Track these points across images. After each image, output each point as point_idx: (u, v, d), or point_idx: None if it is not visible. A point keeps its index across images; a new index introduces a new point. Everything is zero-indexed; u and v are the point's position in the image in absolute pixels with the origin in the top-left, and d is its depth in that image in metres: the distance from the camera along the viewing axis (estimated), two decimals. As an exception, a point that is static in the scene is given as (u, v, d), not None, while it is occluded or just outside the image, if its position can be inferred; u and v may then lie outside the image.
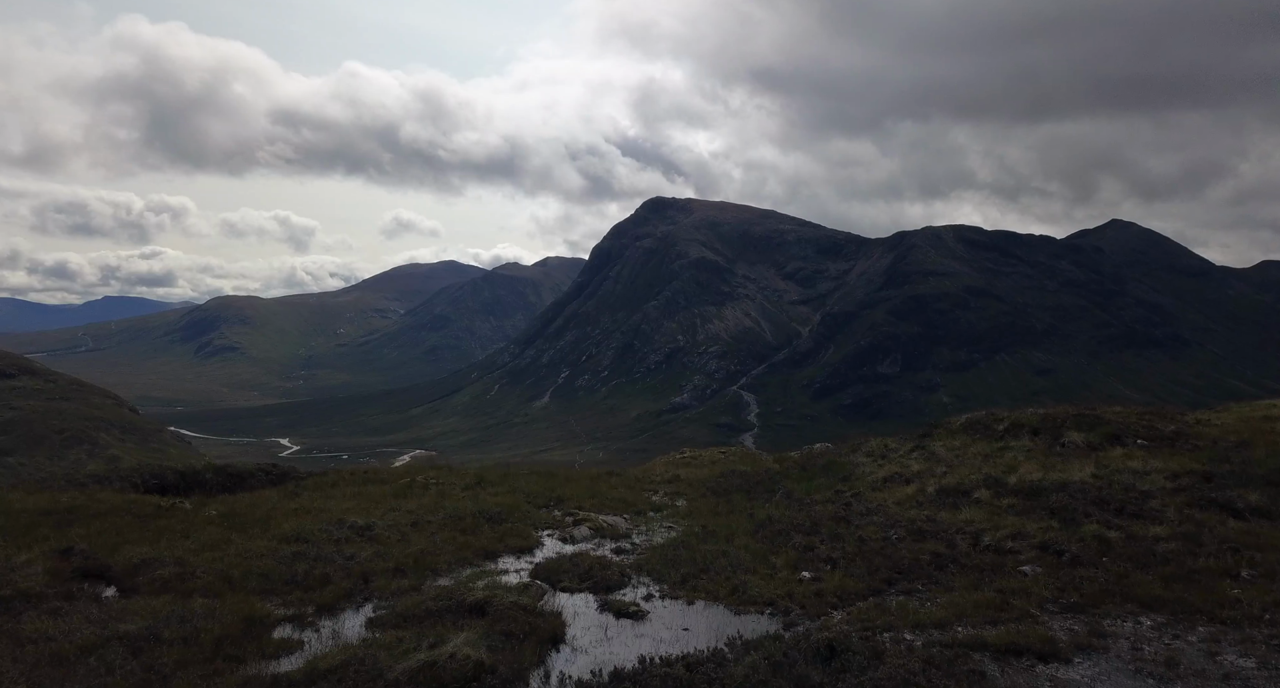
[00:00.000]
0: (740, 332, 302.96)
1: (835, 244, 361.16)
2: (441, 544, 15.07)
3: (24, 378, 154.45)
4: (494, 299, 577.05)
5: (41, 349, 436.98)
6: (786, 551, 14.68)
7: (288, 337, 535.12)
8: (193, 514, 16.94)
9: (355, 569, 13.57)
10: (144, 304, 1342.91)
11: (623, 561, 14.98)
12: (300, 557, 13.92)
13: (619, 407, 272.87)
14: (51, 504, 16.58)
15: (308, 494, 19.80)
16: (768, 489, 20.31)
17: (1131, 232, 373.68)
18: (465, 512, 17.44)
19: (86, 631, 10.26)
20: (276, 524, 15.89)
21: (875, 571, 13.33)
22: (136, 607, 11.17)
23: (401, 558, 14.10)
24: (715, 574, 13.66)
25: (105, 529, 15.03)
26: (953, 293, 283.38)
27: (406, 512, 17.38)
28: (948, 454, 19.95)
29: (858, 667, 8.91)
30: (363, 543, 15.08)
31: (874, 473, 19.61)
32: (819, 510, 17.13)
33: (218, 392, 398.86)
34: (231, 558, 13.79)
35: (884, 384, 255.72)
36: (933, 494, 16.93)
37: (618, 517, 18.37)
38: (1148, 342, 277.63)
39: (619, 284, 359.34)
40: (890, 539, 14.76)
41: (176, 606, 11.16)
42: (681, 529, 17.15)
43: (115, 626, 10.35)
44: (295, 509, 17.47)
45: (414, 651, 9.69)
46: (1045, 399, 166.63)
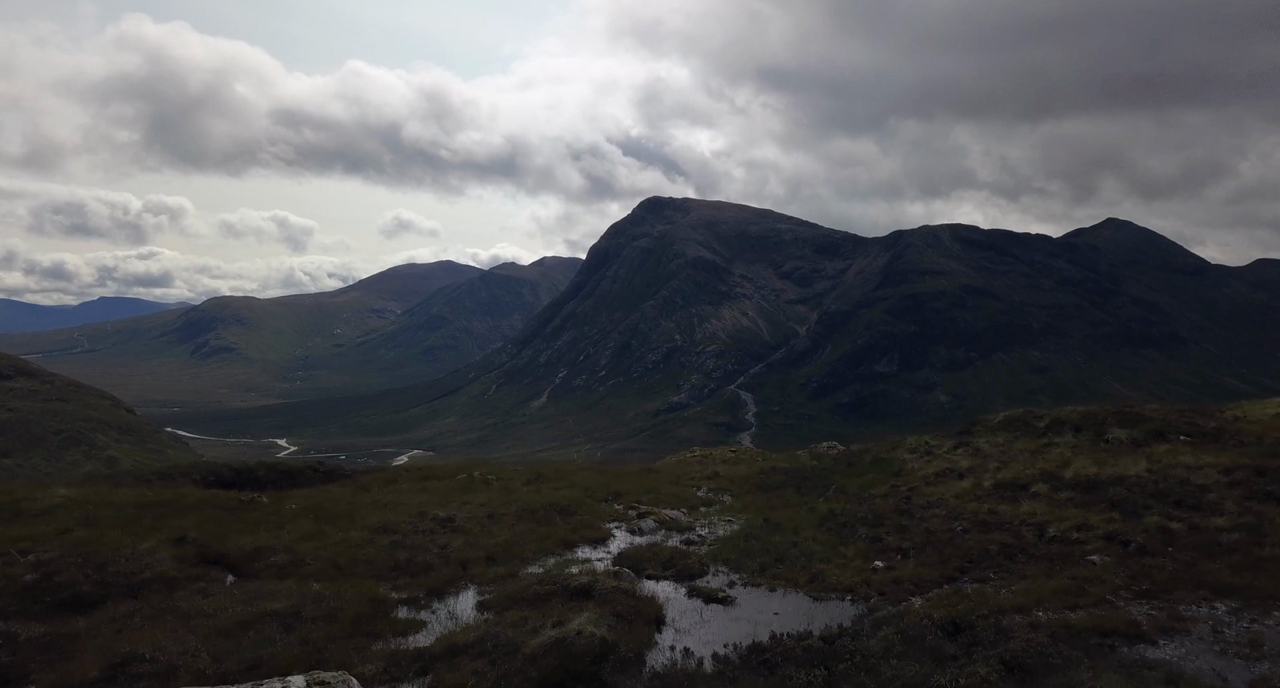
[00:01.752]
0: (738, 331, 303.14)
1: (832, 243, 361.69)
2: (523, 535, 15.77)
3: (20, 379, 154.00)
4: (491, 299, 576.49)
5: (37, 350, 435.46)
6: (855, 542, 15.21)
7: (284, 337, 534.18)
8: (272, 508, 17.53)
9: (453, 557, 14.26)
10: (140, 305, 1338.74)
11: (698, 551, 15.54)
12: (398, 546, 14.65)
13: (617, 406, 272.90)
14: (144, 498, 17.21)
15: (377, 490, 20.45)
16: (819, 485, 20.85)
17: (1128, 230, 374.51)
18: (537, 505, 18.10)
19: (238, 608, 11.10)
20: (361, 517, 16.55)
21: (946, 560, 13.76)
22: (272, 589, 11.93)
23: (491, 547, 14.80)
24: (791, 564, 14.25)
25: (203, 521, 15.65)
26: (949, 292, 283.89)
27: (479, 505, 18.04)
28: (993, 450, 20.38)
29: (987, 641, 9.43)
30: (450, 534, 15.74)
31: (923, 469, 20.07)
32: (878, 504, 17.63)
33: (214, 392, 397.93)
34: (333, 547, 14.48)
35: (881, 383, 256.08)
36: (990, 488, 17.32)
37: (676, 511, 18.98)
38: (1144, 340, 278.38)
39: (616, 284, 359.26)
40: (956, 531, 15.18)
41: (305, 588, 11.93)
42: (741, 522, 17.69)
43: (263, 604, 11.16)
44: (370, 503, 18.12)
45: (542, 629, 10.36)
46: (1042, 398, 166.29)
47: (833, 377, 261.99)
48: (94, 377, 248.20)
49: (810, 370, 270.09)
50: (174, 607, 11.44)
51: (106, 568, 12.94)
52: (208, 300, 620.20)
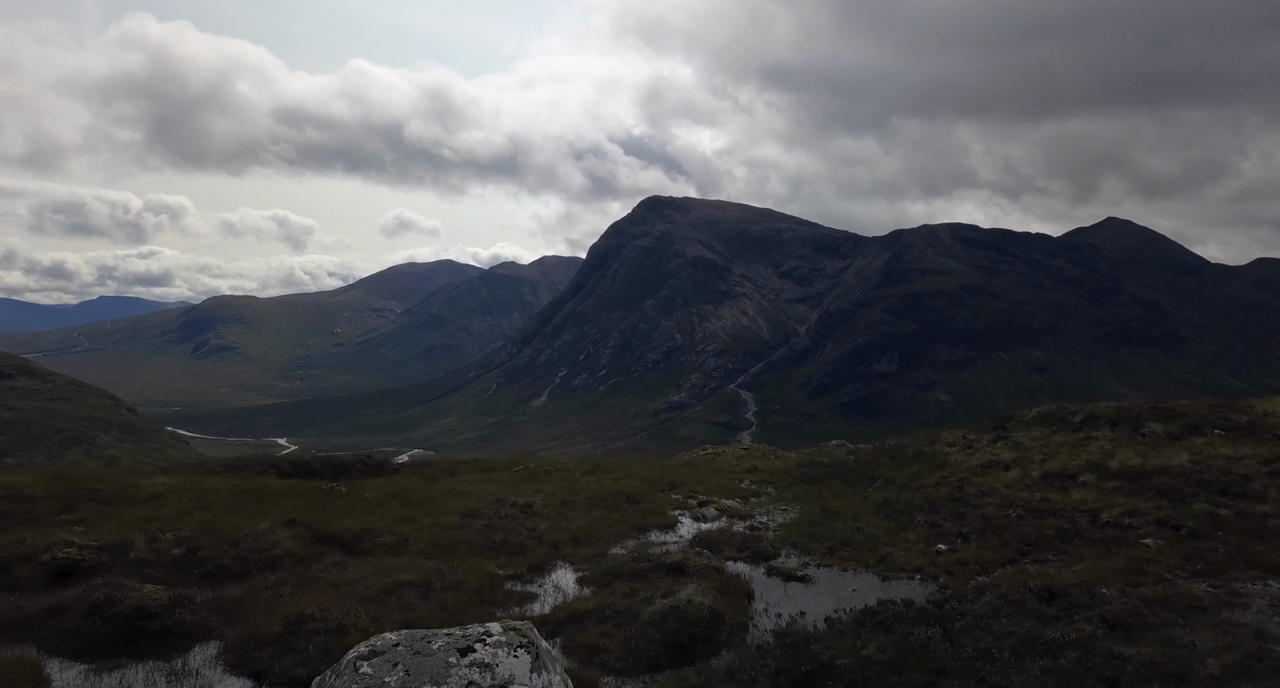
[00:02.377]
0: (738, 330, 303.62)
1: (832, 242, 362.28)
2: (598, 520, 16.72)
3: (22, 378, 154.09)
4: (491, 298, 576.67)
5: (37, 349, 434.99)
6: (915, 528, 15.97)
7: (284, 336, 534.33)
8: (352, 496, 18.40)
9: (543, 539, 15.41)
10: (140, 304, 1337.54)
11: (766, 535, 16.28)
12: (490, 529, 15.66)
13: (617, 405, 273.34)
14: (236, 486, 18.34)
15: (444, 480, 21.39)
16: (865, 477, 21.59)
17: (1127, 230, 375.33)
18: (604, 493, 19.10)
19: (374, 579, 12.25)
20: (443, 504, 17.50)
21: (1006, 544, 14.37)
22: (394, 564, 13.07)
23: (573, 530, 15.81)
24: (857, 547, 15.00)
25: (299, 506, 16.70)
26: (949, 291, 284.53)
27: (549, 493, 18.93)
28: (1032, 444, 21.06)
29: (1083, 605, 10.16)
30: (531, 518, 16.73)
31: (966, 461, 20.76)
32: (930, 493, 18.37)
33: (214, 392, 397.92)
34: (430, 530, 15.56)
35: (881, 382, 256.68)
36: (1038, 478, 18.04)
37: (731, 500, 19.74)
38: (1144, 339, 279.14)
39: (616, 283, 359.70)
40: (1011, 517, 15.81)
41: (422, 565, 12.95)
42: (797, 511, 18.44)
43: (395, 576, 12.28)
44: (444, 492, 18.99)
45: (652, 599, 11.26)
46: (1042, 397, 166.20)
47: (833, 376, 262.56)
48: (94, 376, 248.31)
49: (810, 370, 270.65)
50: (316, 578, 12.63)
51: (240, 545, 14.22)
52: (208, 300, 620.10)
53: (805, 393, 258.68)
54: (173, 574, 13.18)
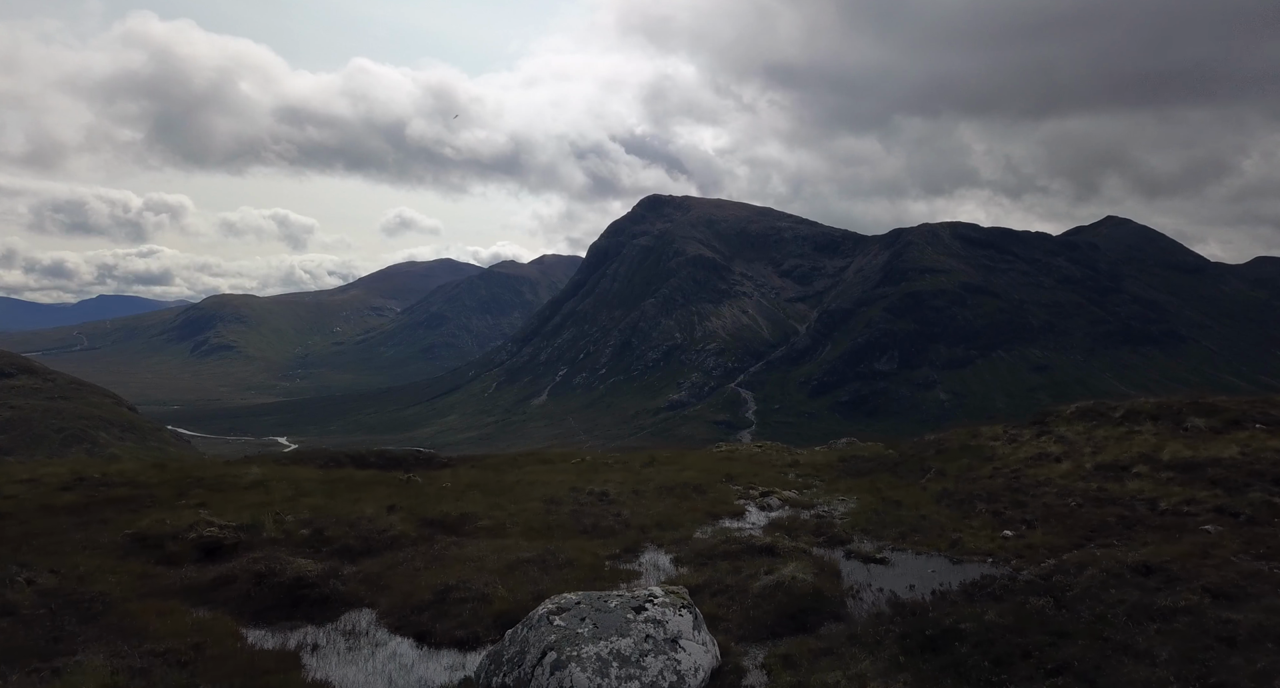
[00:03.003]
0: (738, 329, 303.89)
1: (832, 241, 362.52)
2: (672, 508, 17.36)
3: (23, 377, 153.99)
4: (491, 297, 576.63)
5: (36, 348, 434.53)
6: (978, 516, 16.46)
7: (284, 335, 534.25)
8: (432, 485, 19.17)
9: (630, 524, 16.11)
10: (139, 303, 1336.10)
11: (836, 522, 16.76)
12: (578, 514, 16.36)
13: (617, 404, 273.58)
14: (324, 477, 19.24)
15: (511, 471, 22.11)
16: (915, 469, 22.09)
17: (1127, 228, 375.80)
18: (672, 483, 19.87)
19: (496, 557, 12.98)
20: (521, 492, 18.12)
21: (1071, 530, 14.83)
22: (504, 544, 13.85)
23: (654, 516, 16.49)
24: (926, 533, 15.53)
25: (390, 494, 17.33)
26: (949, 290, 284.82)
27: (619, 483, 19.69)
28: (1077, 438, 21.50)
29: (1182, 578, 10.63)
30: (609, 505, 17.48)
31: (1014, 454, 21.20)
32: (986, 484, 18.82)
33: (214, 390, 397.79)
34: (521, 514, 16.26)
35: (881, 381, 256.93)
36: (1091, 469, 18.49)
37: (790, 491, 20.31)
38: (1144, 338, 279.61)
39: (616, 282, 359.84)
40: (1071, 506, 16.30)
41: (531, 545, 13.69)
42: (855, 501, 18.93)
43: (512, 554, 13.07)
44: (516, 482, 19.61)
45: (756, 576, 12.00)
46: (1042, 396, 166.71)
47: (833, 375, 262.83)
48: (93, 375, 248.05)
49: (810, 368, 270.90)
50: (441, 555, 13.41)
51: (358, 527, 15.05)
52: (207, 298, 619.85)
53: (805, 392, 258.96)
54: (305, 553, 13.91)
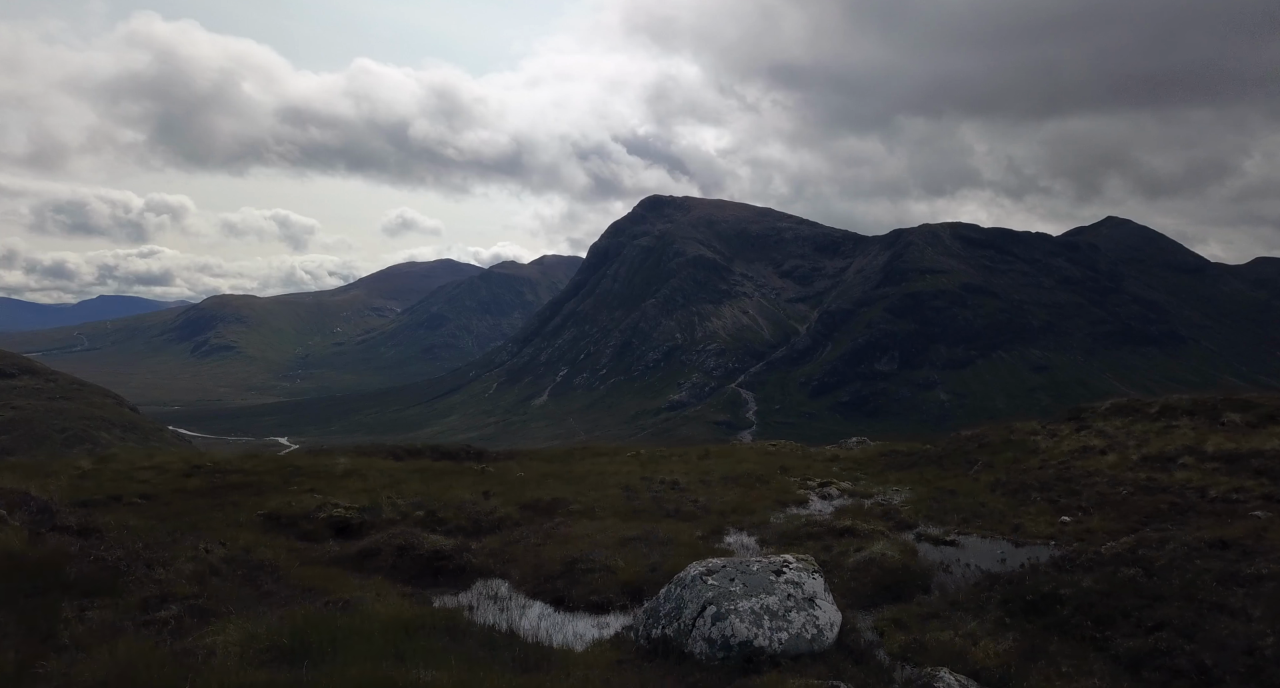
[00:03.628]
0: (738, 329, 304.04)
1: (833, 242, 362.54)
2: (740, 496, 18.33)
3: (25, 377, 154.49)
4: (491, 298, 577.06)
5: (37, 349, 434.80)
6: (1033, 504, 17.47)
7: (284, 336, 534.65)
8: (504, 475, 20.32)
9: (710, 509, 17.10)
10: (139, 303, 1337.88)
11: (898, 509, 17.73)
12: (658, 500, 17.51)
13: (618, 405, 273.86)
14: (406, 467, 20.53)
15: (579, 463, 23.45)
16: (961, 462, 23.02)
17: (1127, 229, 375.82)
18: (736, 474, 21.03)
19: (603, 535, 13.97)
20: (594, 481, 19.31)
21: (1125, 516, 15.76)
22: (603, 525, 14.94)
23: (730, 503, 17.54)
24: (987, 519, 16.53)
25: (473, 482, 18.56)
26: (950, 290, 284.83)
27: (683, 473, 20.81)
28: (1116, 432, 22.47)
29: (1258, 552, 11.38)
30: (683, 492, 18.44)
31: (1057, 448, 22.21)
32: (1037, 475, 19.81)
33: (215, 391, 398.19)
34: (604, 500, 17.29)
35: (881, 382, 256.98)
36: (1138, 461, 19.45)
37: (845, 482, 21.21)
38: (1144, 338, 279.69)
39: (617, 282, 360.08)
40: (1123, 494, 17.24)
41: (627, 526, 14.83)
42: (909, 491, 19.87)
43: (621, 532, 14.03)
44: (586, 472, 21.03)
45: (847, 553, 13.00)
46: (1042, 396, 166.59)
47: (833, 375, 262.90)
48: (94, 375, 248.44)
49: (811, 369, 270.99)
50: (553, 533, 14.42)
51: (464, 509, 16.26)
52: (208, 299, 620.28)
53: (806, 392, 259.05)
54: (425, 532, 14.78)
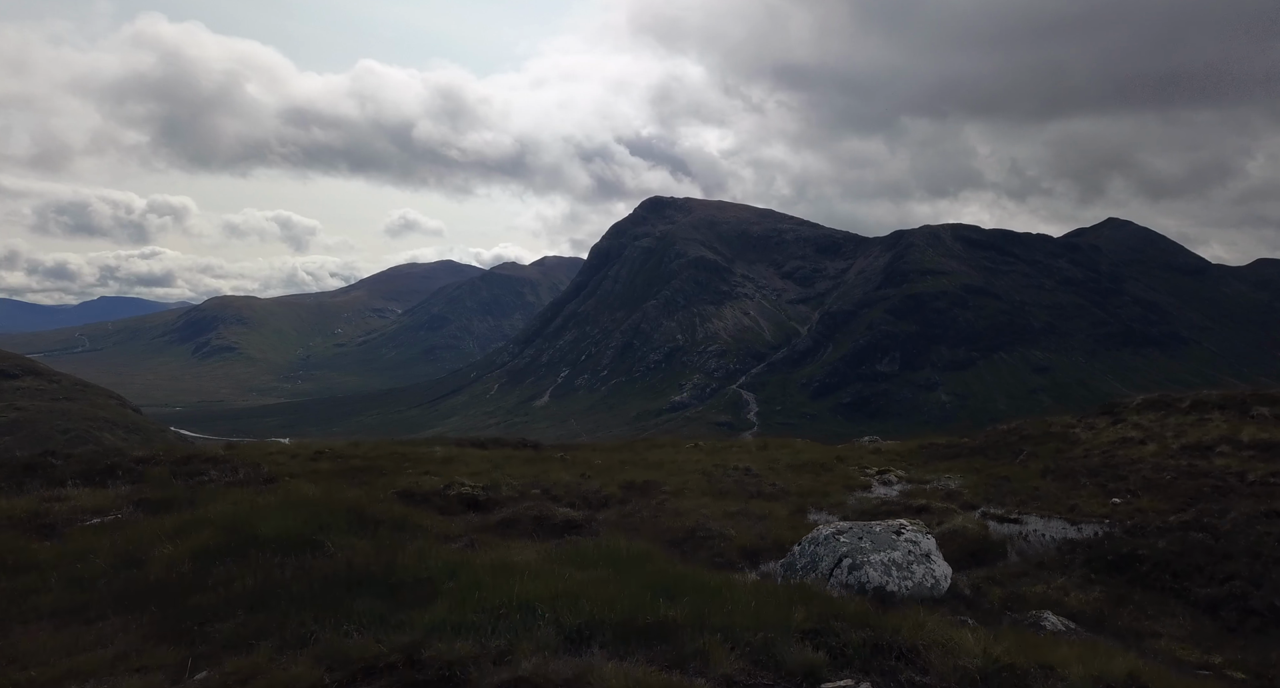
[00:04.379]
0: (739, 331, 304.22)
1: (834, 243, 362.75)
2: (813, 480, 19.48)
3: (28, 378, 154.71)
4: (492, 299, 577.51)
5: (38, 350, 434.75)
6: (1084, 487, 18.52)
7: (286, 337, 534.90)
8: (584, 461, 21.57)
9: (788, 491, 18.16)
10: (140, 304, 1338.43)
11: (961, 493, 18.62)
12: (740, 483, 18.60)
13: (619, 405, 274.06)
14: (496, 455, 22.13)
15: (648, 452, 24.56)
16: (1007, 452, 24.01)
17: (1128, 230, 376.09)
18: (800, 462, 22.21)
19: (710, 510, 14.93)
20: (673, 467, 20.36)
21: (1172, 497, 16.72)
22: (701, 502, 15.95)
23: (804, 486, 18.61)
24: (1043, 501, 17.50)
25: (566, 467, 19.93)
26: (951, 292, 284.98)
27: (751, 461, 21.86)
28: (1153, 425, 23.45)
29: None
30: (760, 477, 19.44)
31: (1097, 439, 23.23)
32: (1084, 462, 20.92)
33: (216, 392, 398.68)
34: (689, 483, 18.28)
35: (883, 383, 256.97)
36: (1178, 450, 20.48)
37: (900, 470, 22.08)
38: (1145, 340, 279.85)
39: (618, 284, 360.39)
40: (1167, 478, 18.23)
41: (728, 503, 16.01)
42: (961, 478, 20.70)
43: (724, 507, 15.26)
44: (661, 460, 21.99)
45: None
46: (1043, 397, 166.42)
47: (834, 376, 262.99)
48: (95, 376, 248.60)
49: (812, 370, 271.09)
50: (662, 507, 15.41)
51: (573, 489, 17.27)
52: (209, 300, 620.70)
53: (807, 393, 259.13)
54: (540, 509, 15.75)
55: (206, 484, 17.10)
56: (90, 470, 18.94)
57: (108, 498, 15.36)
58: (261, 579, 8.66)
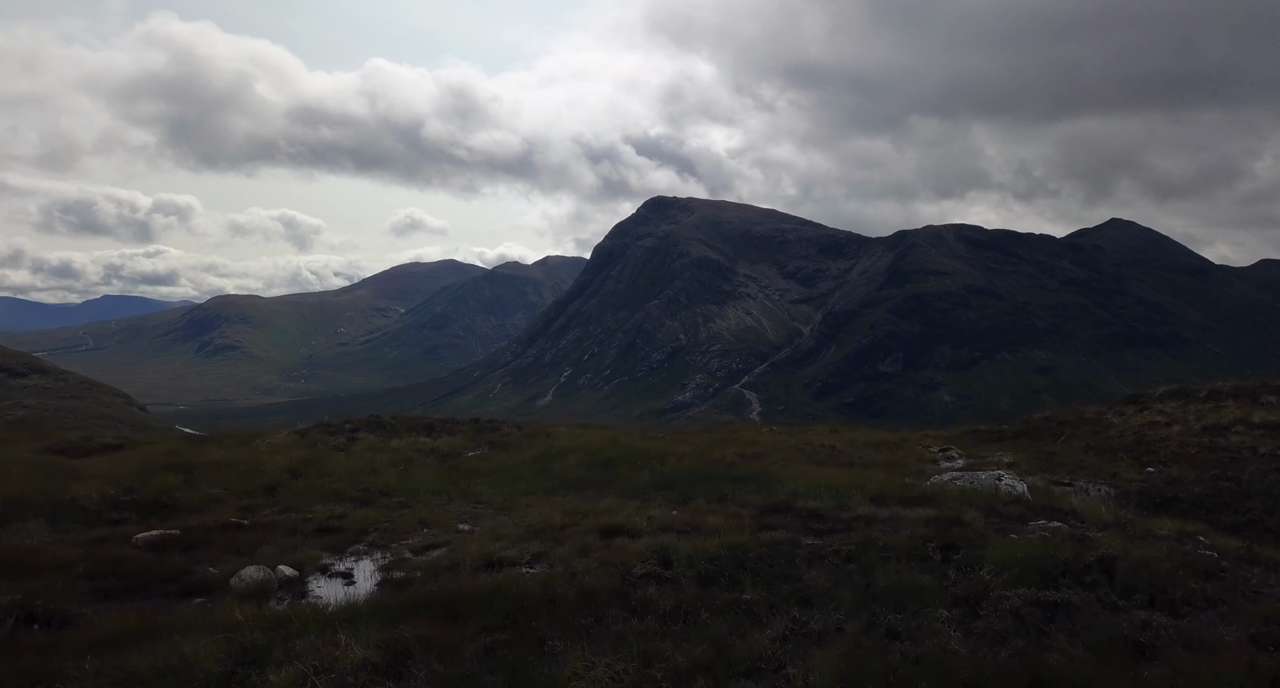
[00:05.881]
0: (742, 330, 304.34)
1: (836, 243, 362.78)
2: (890, 455, 21.13)
3: (34, 377, 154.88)
4: (494, 298, 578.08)
5: (42, 348, 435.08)
6: (1121, 460, 20.87)
7: (289, 336, 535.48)
8: (683, 439, 23.65)
9: (876, 462, 20.04)
10: (143, 303, 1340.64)
11: (1018, 464, 20.36)
12: (833, 455, 20.90)
13: (622, 405, 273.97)
14: (607, 436, 24.20)
15: (736, 434, 26.32)
16: (1046, 435, 26.18)
17: (1132, 230, 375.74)
18: (871, 442, 23.80)
19: (829, 471, 16.75)
20: (765, 444, 21.84)
21: (1198, 466, 19.29)
22: (808, 469, 17.90)
23: (889, 459, 20.49)
24: (1088, 471, 19.77)
25: (667, 442, 22.26)
26: (953, 292, 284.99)
27: (829, 440, 23.73)
28: (1175, 411, 25.83)
29: None
30: (844, 453, 21.27)
31: (1128, 423, 25.60)
32: (1117, 441, 23.41)
33: (219, 391, 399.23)
34: (790, 455, 19.86)
35: (885, 383, 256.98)
36: (1199, 430, 22.93)
37: (956, 449, 23.29)
38: (1148, 340, 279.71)
39: (621, 283, 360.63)
40: (1192, 452, 20.78)
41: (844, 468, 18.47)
42: (1011, 455, 22.14)
43: (835, 468, 17.65)
44: (749, 439, 23.48)
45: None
46: (1046, 397, 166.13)
47: (837, 376, 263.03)
48: (98, 374, 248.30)
49: (814, 370, 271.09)
50: (787, 467, 17.46)
51: (706, 455, 19.27)
52: (212, 299, 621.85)
53: (809, 393, 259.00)
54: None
55: (511, 435, 23.14)
56: (414, 427, 24.47)
57: (470, 441, 22.58)
58: (651, 479, 16.18)
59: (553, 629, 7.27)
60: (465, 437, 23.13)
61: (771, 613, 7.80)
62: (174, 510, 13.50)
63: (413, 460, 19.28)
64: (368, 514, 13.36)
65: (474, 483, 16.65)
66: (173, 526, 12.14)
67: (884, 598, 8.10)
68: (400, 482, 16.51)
